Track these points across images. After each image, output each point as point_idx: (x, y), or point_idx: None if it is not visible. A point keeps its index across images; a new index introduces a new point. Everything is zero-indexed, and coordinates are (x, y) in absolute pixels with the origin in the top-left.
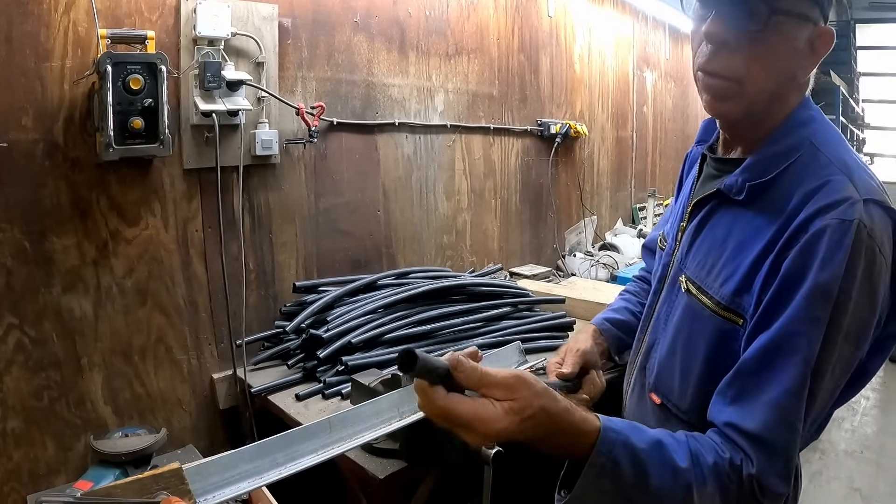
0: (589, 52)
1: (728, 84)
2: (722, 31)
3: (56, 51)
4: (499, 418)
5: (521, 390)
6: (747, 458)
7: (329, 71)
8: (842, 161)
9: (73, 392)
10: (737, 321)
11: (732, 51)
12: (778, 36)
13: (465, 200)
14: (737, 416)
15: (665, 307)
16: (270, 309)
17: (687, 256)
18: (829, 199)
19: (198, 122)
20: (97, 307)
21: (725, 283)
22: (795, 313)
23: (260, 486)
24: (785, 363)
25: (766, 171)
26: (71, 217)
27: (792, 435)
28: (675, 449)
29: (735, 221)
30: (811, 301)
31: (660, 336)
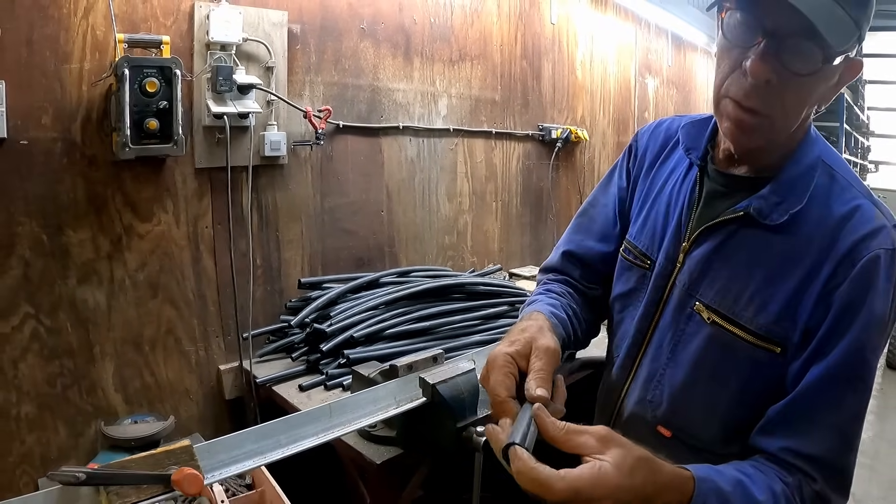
0: (591, 58)
1: (761, 120)
2: (768, 68)
3: (75, 53)
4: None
5: (615, 438)
6: (809, 478)
7: (336, 75)
8: (857, 181)
9: (85, 380)
10: (774, 349)
11: (773, 89)
12: (821, 79)
13: (466, 202)
14: (797, 441)
15: (670, 336)
16: (276, 304)
17: (700, 282)
18: (868, 228)
19: (210, 123)
20: (110, 299)
21: (760, 313)
22: (856, 343)
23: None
24: (847, 390)
25: (798, 194)
26: (87, 212)
27: (853, 455)
28: (751, 484)
29: (763, 246)
30: (870, 331)
31: (666, 367)
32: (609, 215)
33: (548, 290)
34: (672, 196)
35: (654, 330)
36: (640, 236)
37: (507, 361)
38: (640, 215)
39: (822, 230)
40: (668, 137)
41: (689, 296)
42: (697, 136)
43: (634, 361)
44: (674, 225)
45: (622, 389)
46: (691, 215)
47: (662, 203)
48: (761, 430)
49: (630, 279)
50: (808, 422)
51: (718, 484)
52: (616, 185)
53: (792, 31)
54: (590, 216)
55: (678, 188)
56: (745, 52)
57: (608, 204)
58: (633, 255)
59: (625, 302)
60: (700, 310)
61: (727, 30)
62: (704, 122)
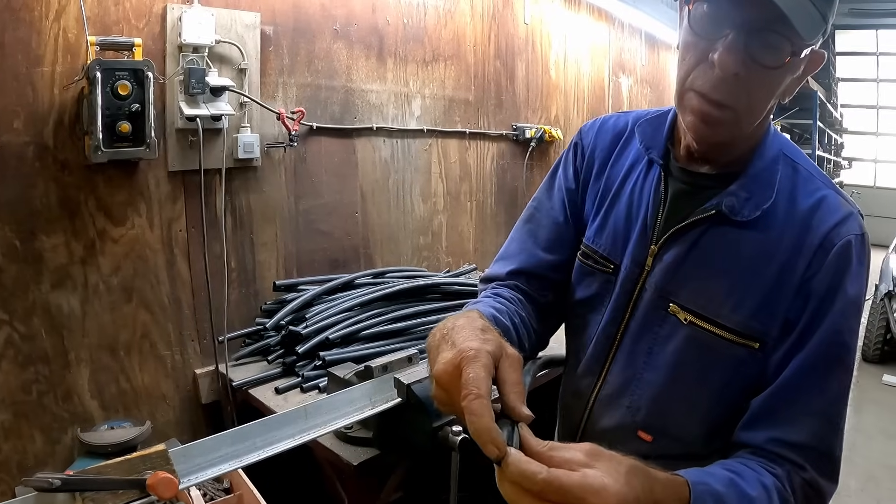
0: (565, 58)
1: (726, 113)
2: (737, 61)
3: (47, 56)
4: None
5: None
6: (797, 466)
7: (309, 77)
8: (817, 170)
9: (60, 386)
10: (752, 345)
11: (740, 82)
12: (787, 71)
13: (441, 203)
14: (782, 431)
15: (645, 340)
16: (251, 306)
17: (673, 284)
18: (837, 217)
19: (182, 126)
20: (84, 304)
21: (738, 309)
22: (835, 327)
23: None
24: (829, 375)
25: (766, 189)
26: (60, 217)
27: (839, 438)
28: (742, 480)
29: (736, 243)
30: (847, 315)
31: (643, 371)
32: (558, 220)
33: (496, 293)
34: (634, 197)
35: (624, 334)
36: (599, 240)
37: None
38: (598, 218)
39: (792, 223)
40: (617, 135)
41: (661, 298)
42: (655, 134)
43: (604, 367)
44: (639, 227)
45: (591, 396)
46: (657, 217)
47: (622, 204)
48: (745, 425)
49: (591, 284)
50: (791, 410)
51: (712, 485)
52: (563, 186)
53: (761, 24)
54: (536, 222)
55: (639, 188)
56: (713, 45)
57: (555, 207)
58: (594, 259)
59: (587, 307)
60: (675, 311)
61: (694, 22)
62: (660, 118)
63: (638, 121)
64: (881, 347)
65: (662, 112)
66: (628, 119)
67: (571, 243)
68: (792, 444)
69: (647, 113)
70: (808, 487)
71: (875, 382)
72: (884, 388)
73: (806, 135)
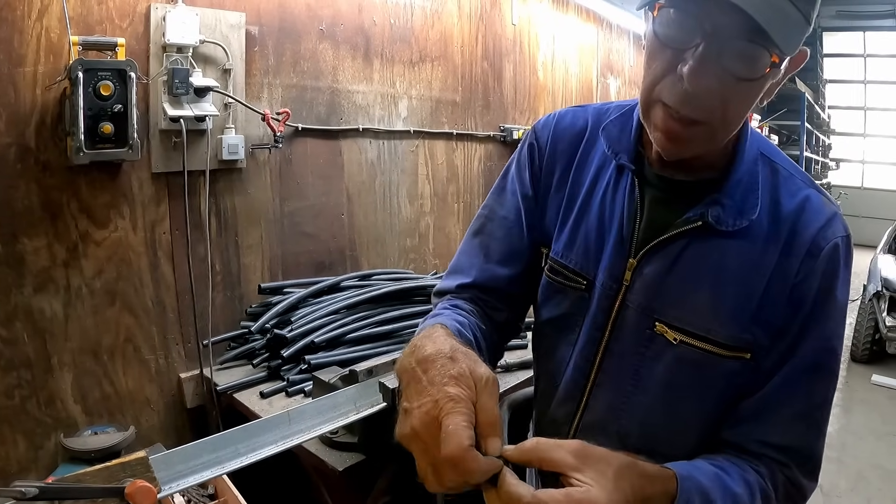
0: (553, 59)
1: (700, 128)
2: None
3: (29, 56)
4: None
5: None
6: (780, 465)
7: (295, 77)
8: (795, 168)
9: (43, 391)
10: (744, 356)
11: (713, 95)
12: (767, 80)
13: (427, 204)
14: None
15: (630, 361)
16: (236, 310)
17: (658, 301)
18: (822, 219)
19: (166, 127)
20: (67, 307)
21: (728, 323)
22: (825, 333)
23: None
24: (816, 381)
25: (750, 196)
26: (42, 219)
27: (822, 440)
28: (727, 476)
29: (721, 255)
30: (837, 320)
31: (631, 395)
32: (512, 230)
33: (454, 305)
34: (605, 206)
35: (605, 356)
36: (569, 254)
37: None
38: (566, 230)
39: (778, 227)
40: (577, 135)
41: (646, 317)
42: (621, 136)
43: (584, 392)
44: (613, 239)
45: (572, 424)
46: (633, 227)
47: (593, 214)
48: (732, 425)
49: (562, 302)
50: (778, 414)
51: (700, 480)
52: (517, 192)
53: (734, 33)
54: (488, 233)
55: (611, 196)
56: (681, 55)
57: (509, 217)
58: (564, 275)
59: (557, 327)
60: (663, 331)
61: (659, 28)
62: (625, 117)
63: (598, 117)
64: (870, 347)
65: (626, 109)
66: (587, 115)
67: (527, 255)
68: (776, 445)
69: (608, 108)
70: (790, 485)
71: (864, 382)
72: (873, 388)
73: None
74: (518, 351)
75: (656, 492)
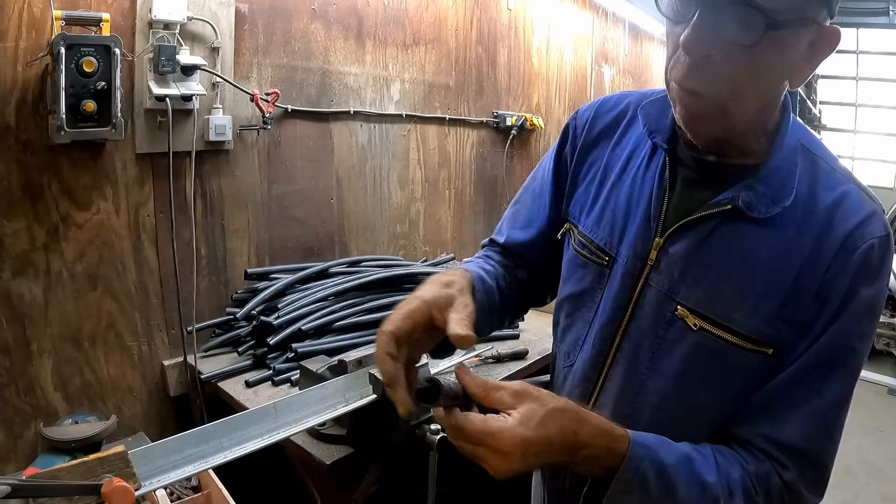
0: (547, 45)
1: (709, 102)
2: (704, 42)
3: (10, 32)
4: (511, 427)
5: (529, 390)
6: (781, 467)
7: (285, 58)
8: (839, 166)
9: (22, 378)
10: (766, 351)
11: (716, 66)
12: (775, 49)
13: (418, 190)
14: (773, 427)
15: (648, 344)
16: (222, 295)
17: (681, 284)
18: (860, 216)
19: (151, 106)
20: (47, 292)
21: (753, 315)
22: (843, 328)
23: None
24: (830, 376)
25: (786, 184)
26: (21, 200)
27: (832, 447)
28: (702, 463)
29: (751, 242)
30: (860, 317)
31: (646, 379)
32: (536, 201)
33: (487, 256)
34: (635, 184)
35: (624, 337)
36: (596, 229)
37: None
38: (596, 206)
39: (812, 221)
40: (618, 116)
41: (668, 299)
42: (660, 117)
43: (601, 372)
44: (640, 217)
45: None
46: (661, 207)
47: (623, 192)
48: (738, 417)
49: (584, 278)
50: (786, 408)
51: (659, 454)
52: (550, 168)
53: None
54: (521, 202)
55: (641, 175)
56: (683, 29)
57: (536, 189)
58: (589, 250)
59: (576, 304)
60: (684, 315)
61: (662, 5)
62: (665, 100)
63: (641, 99)
64: None
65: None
66: (630, 100)
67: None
68: (780, 442)
69: (652, 93)
70: (787, 491)
71: None
72: (861, 384)
73: None
74: (510, 341)
75: (596, 444)
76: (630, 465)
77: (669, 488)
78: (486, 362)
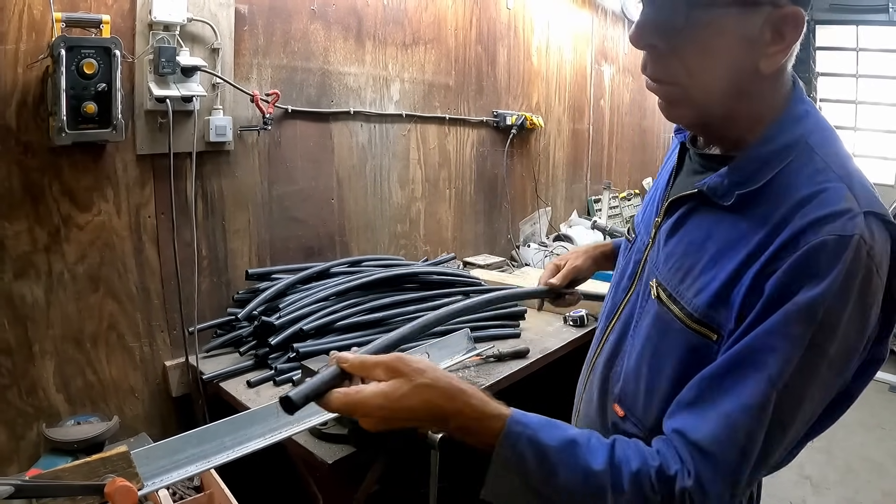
0: (547, 44)
1: (671, 88)
2: (644, 34)
3: (10, 34)
4: (373, 397)
5: (400, 368)
6: (685, 469)
7: (285, 58)
8: (841, 165)
9: (24, 379)
10: (710, 336)
11: (665, 54)
12: (710, 29)
13: (419, 190)
14: (686, 423)
15: (636, 310)
16: (223, 296)
17: (658, 256)
18: (825, 211)
19: (152, 107)
20: (49, 293)
21: (700, 294)
22: (770, 327)
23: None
24: (747, 376)
25: (756, 175)
26: (22, 202)
27: (740, 458)
28: (590, 450)
29: (716, 225)
30: (790, 317)
31: (627, 343)
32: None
33: None
34: (662, 175)
35: (625, 306)
36: (638, 215)
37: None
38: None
39: (779, 212)
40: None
41: (652, 272)
42: None
43: (604, 334)
44: (655, 202)
45: (593, 359)
46: (667, 191)
47: (657, 183)
48: (669, 409)
49: (623, 254)
50: (702, 404)
51: (539, 435)
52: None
53: None
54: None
55: (668, 168)
56: None
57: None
58: (630, 230)
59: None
60: (654, 286)
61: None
62: None
63: None
64: None
65: None
66: None
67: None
68: (692, 442)
69: None
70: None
71: None
72: None
73: None
74: (511, 340)
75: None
76: (505, 442)
77: (549, 471)
78: (487, 361)
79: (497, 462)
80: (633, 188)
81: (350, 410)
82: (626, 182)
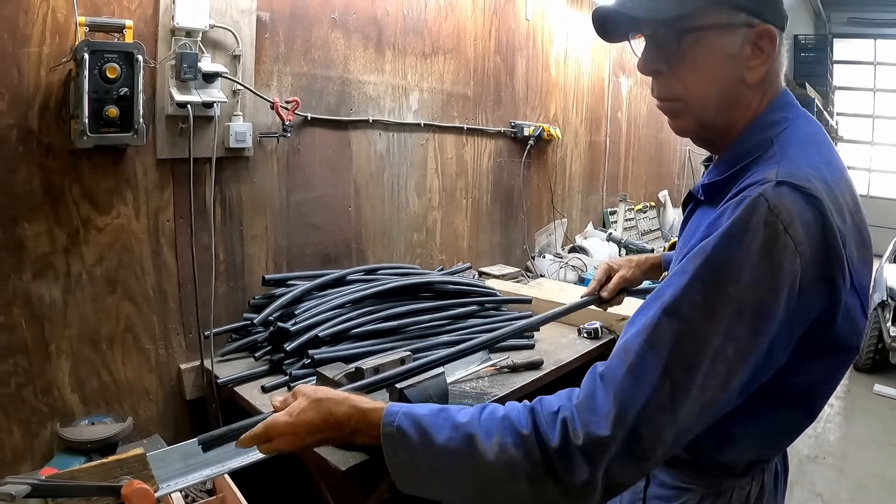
0: (565, 56)
1: (674, 104)
2: (648, 62)
3: (34, 37)
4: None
5: (302, 390)
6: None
7: (305, 66)
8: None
9: (40, 379)
10: None
11: (667, 76)
12: (700, 50)
13: (436, 199)
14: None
15: None
16: (239, 301)
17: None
18: (745, 184)
19: (172, 112)
20: (66, 294)
21: None
22: (673, 271)
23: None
24: (649, 309)
25: (724, 170)
26: (43, 203)
27: (627, 376)
28: (457, 411)
29: (701, 218)
30: (688, 259)
31: None
32: None
33: None
34: None
35: None
36: None
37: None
38: None
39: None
40: None
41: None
42: None
43: None
44: None
45: None
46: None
47: None
48: None
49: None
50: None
51: (413, 409)
52: None
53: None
54: None
55: None
56: None
57: None
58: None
59: None
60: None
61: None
62: None
63: None
64: (872, 356)
65: None
66: None
67: None
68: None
69: None
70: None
71: (866, 392)
72: (875, 398)
73: None
74: (525, 351)
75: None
76: (386, 420)
77: (428, 436)
78: (501, 371)
79: (385, 444)
80: (649, 200)
81: (263, 434)
82: (643, 194)
